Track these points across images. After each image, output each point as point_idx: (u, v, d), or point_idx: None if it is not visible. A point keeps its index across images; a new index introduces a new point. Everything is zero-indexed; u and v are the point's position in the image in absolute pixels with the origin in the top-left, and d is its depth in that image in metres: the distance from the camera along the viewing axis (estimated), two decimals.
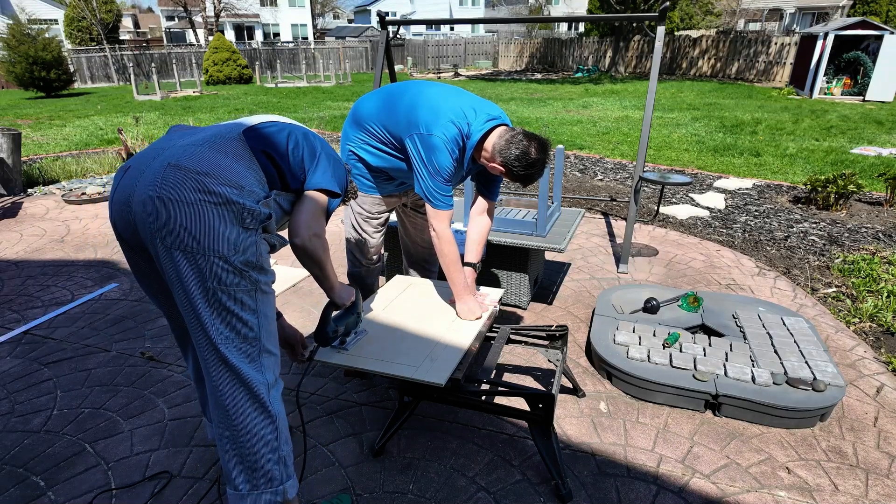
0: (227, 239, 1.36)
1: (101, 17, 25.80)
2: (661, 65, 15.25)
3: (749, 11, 29.30)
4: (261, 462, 1.46)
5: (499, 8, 39.88)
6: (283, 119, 1.67)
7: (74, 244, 4.23)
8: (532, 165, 1.95)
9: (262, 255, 1.46)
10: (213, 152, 1.41)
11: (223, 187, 1.36)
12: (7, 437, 2.14)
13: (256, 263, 1.43)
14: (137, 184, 1.38)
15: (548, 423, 1.84)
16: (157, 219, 1.33)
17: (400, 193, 2.40)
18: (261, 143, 1.50)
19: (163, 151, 1.41)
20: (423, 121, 1.98)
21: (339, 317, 1.87)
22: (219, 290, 1.38)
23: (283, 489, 1.50)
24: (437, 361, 1.80)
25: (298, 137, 1.60)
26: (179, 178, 1.34)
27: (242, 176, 1.41)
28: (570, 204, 5.12)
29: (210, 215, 1.34)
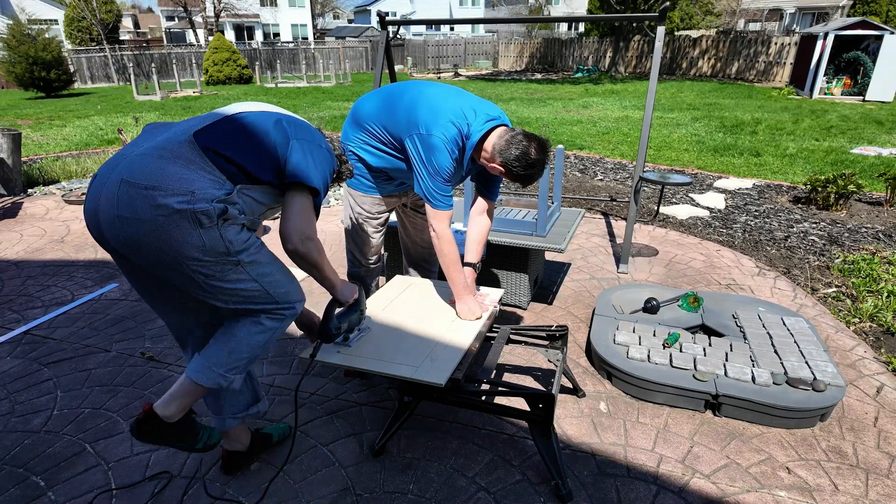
0: (190, 244, 1.40)
1: (101, 18, 25.80)
2: (661, 65, 15.25)
3: (749, 11, 29.30)
4: (237, 349, 1.60)
5: (499, 8, 39.89)
6: (258, 106, 1.64)
7: (74, 244, 4.23)
8: (532, 166, 1.95)
9: (231, 240, 1.47)
10: (162, 161, 1.41)
11: (170, 198, 1.37)
12: (7, 437, 2.14)
13: (230, 250, 1.46)
14: (100, 198, 1.41)
15: (548, 423, 1.84)
16: (124, 237, 1.39)
17: (400, 193, 2.40)
18: (212, 143, 1.48)
19: (121, 161, 1.43)
20: (423, 121, 1.98)
21: (342, 314, 1.89)
22: (208, 280, 1.47)
23: (234, 378, 1.64)
24: (437, 361, 1.80)
25: (268, 129, 1.57)
26: (132, 194, 1.37)
27: (192, 181, 1.41)
28: (570, 204, 5.12)
29: (167, 227, 1.37)
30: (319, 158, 1.63)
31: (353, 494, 1.84)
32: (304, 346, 2.74)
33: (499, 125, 2.02)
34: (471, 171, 2.22)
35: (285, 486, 1.88)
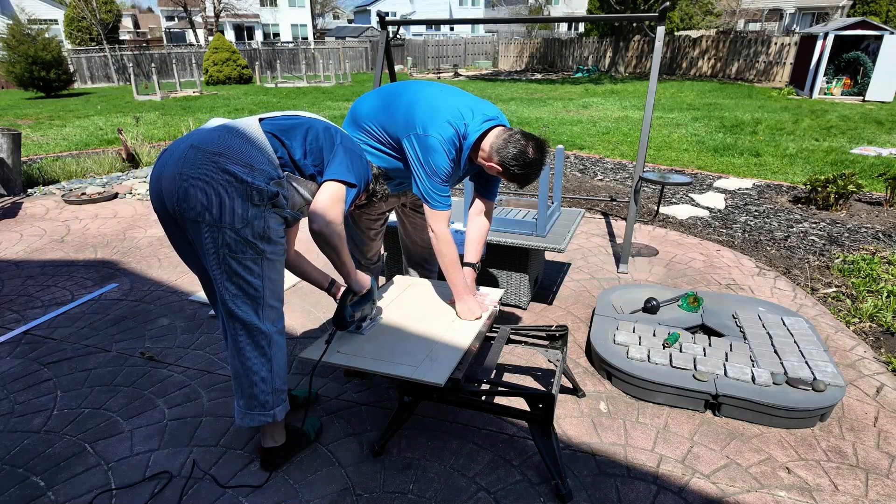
0: (236, 213, 1.58)
1: (101, 18, 25.78)
2: (660, 65, 15.25)
3: (749, 11, 29.29)
4: (257, 392, 1.78)
5: (499, 8, 39.88)
6: (308, 114, 1.84)
7: (74, 244, 4.23)
8: (529, 165, 1.95)
9: (271, 227, 1.66)
10: (230, 136, 1.61)
11: (235, 166, 1.56)
12: (7, 437, 2.14)
13: (264, 234, 1.64)
14: (167, 162, 1.61)
15: (548, 423, 1.84)
16: (180, 193, 1.57)
17: (399, 193, 2.39)
18: (272, 128, 1.69)
19: (192, 135, 1.64)
20: (420, 121, 1.97)
21: (355, 303, 1.97)
22: (228, 257, 1.63)
23: (273, 413, 1.83)
24: (437, 361, 1.80)
25: (319, 131, 1.76)
26: (199, 158, 1.56)
27: (254, 157, 1.61)
28: (570, 204, 5.12)
29: (222, 192, 1.56)
30: (358, 165, 1.79)
31: (353, 494, 1.84)
32: (304, 347, 2.74)
33: (496, 125, 2.02)
34: (469, 171, 2.21)
35: (285, 485, 1.88)
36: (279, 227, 1.70)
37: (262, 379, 1.78)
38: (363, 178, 1.81)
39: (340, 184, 1.73)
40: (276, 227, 1.68)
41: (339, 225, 1.73)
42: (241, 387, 1.79)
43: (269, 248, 1.67)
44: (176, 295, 3.35)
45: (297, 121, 1.76)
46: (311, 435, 2.08)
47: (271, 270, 1.71)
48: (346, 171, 1.74)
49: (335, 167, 1.73)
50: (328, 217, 1.70)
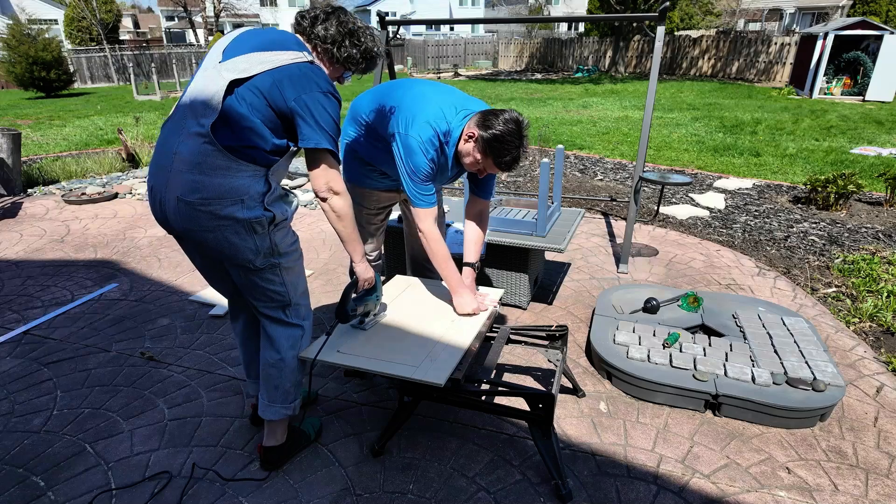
0: (247, 248, 1.66)
1: (101, 18, 25.77)
2: (661, 65, 15.25)
3: (749, 11, 29.29)
4: (283, 383, 1.87)
5: (499, 8, 39.87)
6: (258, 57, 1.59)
7: (74, 244, 4.23)
8: (501, 139, 1.89)
9: (279, 243, 1.72)
10: (205, 177, 1.56)
11: (228, 209, 1.59)
12: (7, 438, 2.14)
13: (275, 251, 1.71)
14: (166, 207, 1.61)
15: (548, 423, 1.84)
16: (194, 241, 1.66)
17: (397, 189, 2.40)
18: (234, 140, 1.58)
19: (168, 174, 1.59)
20: (403, 121, 1.99)
21: (359, 297, 1.96)
22: (249, 277, 1.73)
23: (294, 405, 1.92)
24: (437, 361, 1.80)
25: (265, 99, 1.57)
26: (192, 213, 1.58)
27: (237, 188, 1.59)
28: (570, 204, 5.12)
29: (228, 235, 1.62)
30: (322, 111, 1.60)
31: (353, 494, 1.84)
32: None
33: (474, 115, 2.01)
34: (460, 171, 2.21)
35: (285, 485, 1.88)
36: (286, 236, 1.75)
37: (290, 369, 1.87)
38: (333, 119, 1.64)
39: (319, 151, 1.63)
40: (283, 238, 1.73)
41: (343, 193, 1.70)
42: (268, 378, 1.86)
43: (283, 259, 1.75)
44: (176, 295, 3.35)
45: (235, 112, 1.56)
46: (311, 435, 2.09)
47: (290, 275, 1.80)
48: (315, 136, 1.60)
49: (303, 137, 1.60)
50: (328, 184, 1.66)
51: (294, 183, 5.84)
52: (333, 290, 3.40)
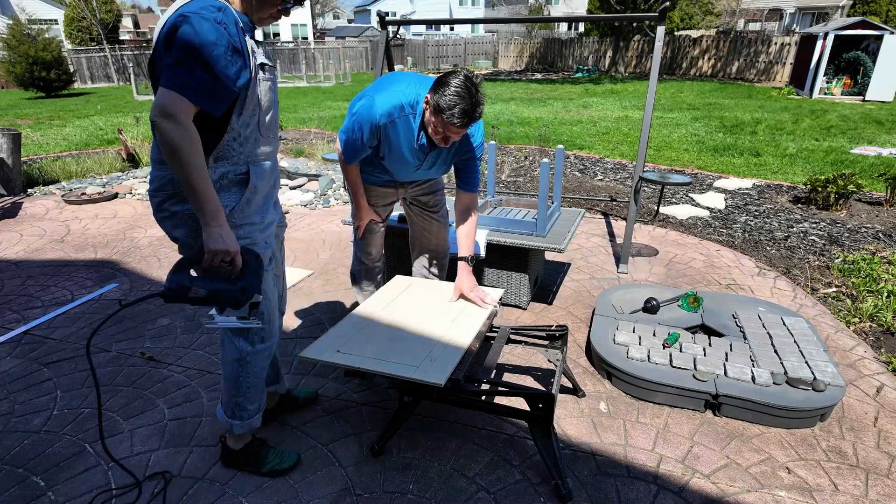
0: (185, 244, 1.64)
1: (100, 18, 25.77)
2: (661, 65, 15.24)
3: (749, 11, 29.29)
4: (222, 396, 1.83)
5: (499, 8, 39.87)
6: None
7: (74, 244, 4.23)
8: (457, 93, 1.86)
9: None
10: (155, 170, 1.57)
11: (167, 202, 1.58)
12: (7, 437, 2.14)
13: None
14: None
15: (548, 423, 1.84)
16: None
17: (396, 185, 2.41)
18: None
19: None
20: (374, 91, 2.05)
21: (210, 281, 1.47)
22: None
23: (230, 422, 1.85)
24: (437, 361, 1.80)
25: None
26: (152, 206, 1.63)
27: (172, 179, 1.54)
28: (570, 204, 5.12)
29: (170, 229, 1.63)
30: (183, 36, 1.35)
31: (352, 494, 1.84)
32: (304, 346, 2.74)
33: None
34: (438, 153, 2.21)
35: (285, 485, 1.88)
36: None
37: (227, 389, 1.82)
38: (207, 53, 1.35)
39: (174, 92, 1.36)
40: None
41: (182, 122, 1.35)
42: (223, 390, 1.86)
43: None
44: None
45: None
46: (301, 400, 2.22)
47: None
48: (172, 81, 1.35)
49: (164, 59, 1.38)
50: (160, 106, 1.34)
51: (294, 183, 5.84)
52: (334, 289, 3.40)
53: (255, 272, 1.50)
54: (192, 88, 1.36)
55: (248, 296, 1.48)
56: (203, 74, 1.36)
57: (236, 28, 1.43)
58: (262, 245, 1.70)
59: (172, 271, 1.44)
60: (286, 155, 7.45)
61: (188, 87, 1.35)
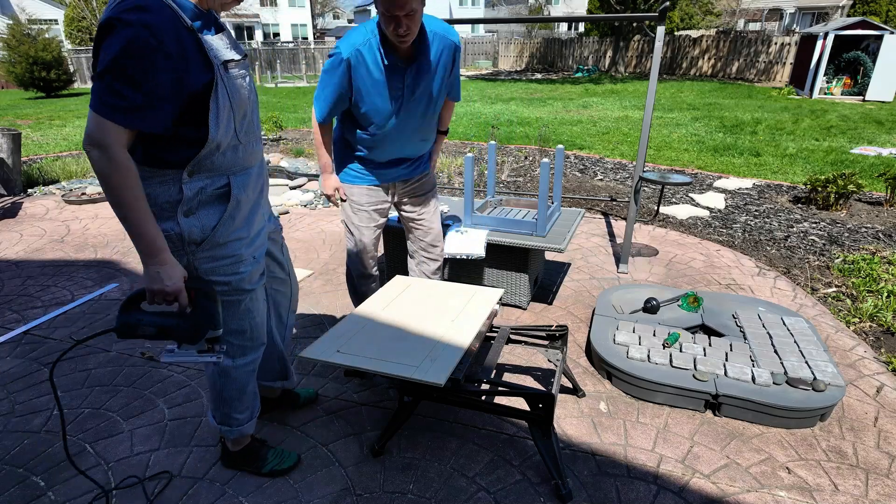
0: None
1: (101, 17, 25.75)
2: (661, 65, 15.25)
3: (749, 11, 29.29)
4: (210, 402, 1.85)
5: (499, 8, 39.88)
6: None
7: (74, 244, 4.23)
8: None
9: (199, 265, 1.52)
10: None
11: None
12: (7, 438, 2.14)
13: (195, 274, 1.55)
14: None
15: (548, 423, 1.84)
16: None
17: (387, 184, 2.41)
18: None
19: None
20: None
21: (160, 313, 1.41)
22: None
23: (218, 428, 1.84)
24: (437, 361, 1.80)
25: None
26: None
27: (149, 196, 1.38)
28: (570, 204, 5.12)
29: None
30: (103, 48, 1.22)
31: (353, 494, 1.84)
32: (303, 346, 2.74)
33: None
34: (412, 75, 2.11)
35: (285, 485, 1.88)
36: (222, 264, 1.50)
37: (212, 398, 1.81)
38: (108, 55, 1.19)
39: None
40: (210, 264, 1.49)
41: (108, 150, 1.23)
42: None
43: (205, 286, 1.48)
44: None
45: None
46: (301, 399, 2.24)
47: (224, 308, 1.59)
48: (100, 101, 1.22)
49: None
50: (88, 136, 1.23)
51: (294, 183, 5.84)
52: (334, 289, 3.40)
53: (205, 309, 1.40)
54: (120, 111, 1.22)
55: (202, 332, 1.39)
56: (130, 92, 1.21)
57: (173, 27, 1.24)
58: (250, 261, 1.59)
59: (122, 307, 1.37)
60: (286, 155, 7.44)
61: (117, 110, 1.22)
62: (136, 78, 1.20)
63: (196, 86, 1.31)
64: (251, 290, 1.63)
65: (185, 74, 1.28)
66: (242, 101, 1.43)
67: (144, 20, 1.19)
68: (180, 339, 1.39)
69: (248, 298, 1.63)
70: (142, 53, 1.19)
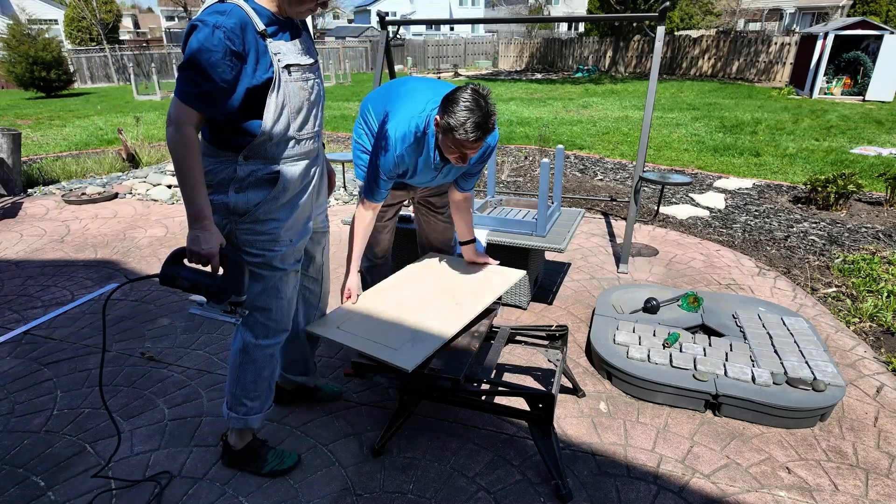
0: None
1: (101, 18, 25.76)
2: (661, 64, 15.24)
3: (749, 11, 29.29)
4: (227, 387, 1.85)
5: (499, 8, 39.87)
6: None
7: (74, 244, 4.23)
8: (465, 108, 1.79)
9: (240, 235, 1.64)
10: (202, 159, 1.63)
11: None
12: (7, 438, 2.14)
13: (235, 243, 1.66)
14: None
15: (548, 423, 1.84)
16: None
17: (408, 188, 2.40)
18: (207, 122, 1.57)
19: None
20: (387, 115, 2.02)
21: (197, 271, 1.58)
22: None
23: (228, 414, 1.86)
24: (417, 346, 1.82)
25: None
26: None
27: (208, 170, 1.59)
28: (570, 204, 5.12)
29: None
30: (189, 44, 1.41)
31: (353, 494, 1.84)
32: None
33: None
34: (450, 167, 2.15)
35: (285, 485, 1.88)
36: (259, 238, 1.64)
37: (229, 379, 1.84)
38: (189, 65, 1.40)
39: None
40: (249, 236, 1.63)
41: (182, 129, 1.43)
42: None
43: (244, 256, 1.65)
44: (176, 295, 3.34)
45: None
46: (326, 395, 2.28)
47: (252, 280, 1.69)
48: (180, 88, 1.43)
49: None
50: (171, 114, 1.44)
51: None
52: (334, 289, 3.40)
53: (233, 276, 1.55)
54: (192, 97, 1.43)
55: (226, 294, 1.55)
56: (203, 82, 1.41)
57: (241, 30, 1.42)
58: (286, 242, 1.69)
59: (167, 260, 1.55)
60: None
61: (189, 96, 1.43)
62: (206, 71, 1.39)
63: (256, 83, 1.49)
64: (283, 269, 1.72)
65: (249, 72, 1.47)
66: (300, 102, 1.60)
67: (220, 22, 1.39)
68: (208, 296, 1.56)
69: (277, 277, 1.72)
70: (213, 50, 1.38)
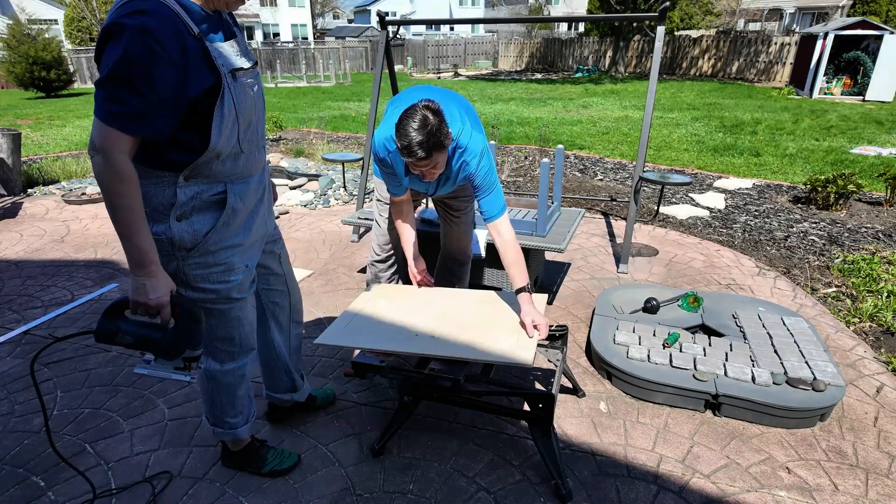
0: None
1: (100, 18, 25.76)
2: (661, 64, 15.24)
3: (749, 11, 29.30)
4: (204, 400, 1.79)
5: (499, 8, 39.88)
6: None
7: (74, 244, 4.23)
8: (399, 132, 1.76)
9: (188, 271, 1.47)
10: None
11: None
12: (7, 438, 2.14)
13: (185, 280, 1.49)
14: None
15: (548, 423, 1.84)
16: None
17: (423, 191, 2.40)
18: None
19: None
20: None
21: (142, 323, 1.36)
22: None
23: (212, 429, 1.82)
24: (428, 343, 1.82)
25: None
26: None
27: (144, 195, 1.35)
28: (570, 204, 5.12)
29: None
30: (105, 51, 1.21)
31: (353, 494, 1.84)
32: (306, 346, 2.74)
33: None
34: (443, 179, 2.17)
35: (285, 485, 1.88)
36: (211, 273, 1.47)
37: (204, 401, 1.79)
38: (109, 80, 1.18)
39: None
40: (198, 272, 1.45)
41: (110, 158, 1.21)
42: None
43: (193, 293, 1.49)
44: None
45: None
46: (318, 401, 2.23)
47: (210, 317, 1.55)
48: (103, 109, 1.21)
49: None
50: (95, 142, 1.22)
51: (294, 183, 5.84)
52: (333, 290, 3.40)
53: (186, 327, 1.34)
54: (119, 118, 1.20)
55: (179, 350, 1.34)
56: (131, 99, 1.18)
57: (176, 31, 1.21)
58: (241, 269, 1.54)
59: (105, 311, 1.34)
60: (286, 155, 7.45)
61: (116, 117, 1.20)
62: (136, 85, 1.18)
63: (196, 92, 1.28)
64: (241, 298, 1.57)
65: (188, 81, 1.25)
66: (249, 111, 1.40)
67: (145, 25, 1.15)
68: (158, 353, 1.35)
69: (237, 307, 1.58)
70: (142, 59, 1.16)
